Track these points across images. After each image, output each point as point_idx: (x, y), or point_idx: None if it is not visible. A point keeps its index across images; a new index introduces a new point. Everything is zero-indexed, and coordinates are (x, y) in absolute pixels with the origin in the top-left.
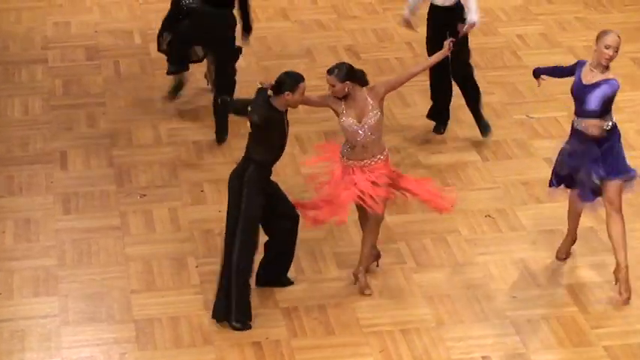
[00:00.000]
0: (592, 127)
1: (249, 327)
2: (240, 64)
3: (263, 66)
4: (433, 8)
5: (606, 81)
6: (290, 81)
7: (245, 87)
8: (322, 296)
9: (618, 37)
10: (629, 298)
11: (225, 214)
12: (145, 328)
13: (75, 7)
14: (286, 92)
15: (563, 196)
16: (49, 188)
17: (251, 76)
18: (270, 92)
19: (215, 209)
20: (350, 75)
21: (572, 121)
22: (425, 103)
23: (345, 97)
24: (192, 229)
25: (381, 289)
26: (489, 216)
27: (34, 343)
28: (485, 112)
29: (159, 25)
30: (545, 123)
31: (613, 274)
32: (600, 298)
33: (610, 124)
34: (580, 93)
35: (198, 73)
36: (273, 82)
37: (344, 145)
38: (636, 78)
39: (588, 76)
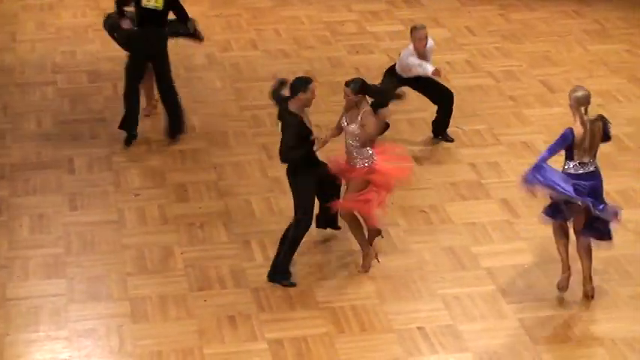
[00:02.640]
0: None
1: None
2: (216, 85)
3: (236, 87)
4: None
5: None
6: (301, 83)
7: (221, 105)
8: None
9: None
10: (593, 297)
11: (204, 209)
12: (139, 304)
13: (79, 38)
14: (300, 93)
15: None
16: (58, 189)
17: (226, 96)
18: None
19: (196, 206)
20: (361, 90)
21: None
22: None
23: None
24: (177, 222)
25: (333, 271)
26: (423, 211)
27: (45, 317)
28: (421, 126)
29: None
30: (470, 134)
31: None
32: (514, 277)
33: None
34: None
35: (182, 93)
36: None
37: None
38: (545, 97)
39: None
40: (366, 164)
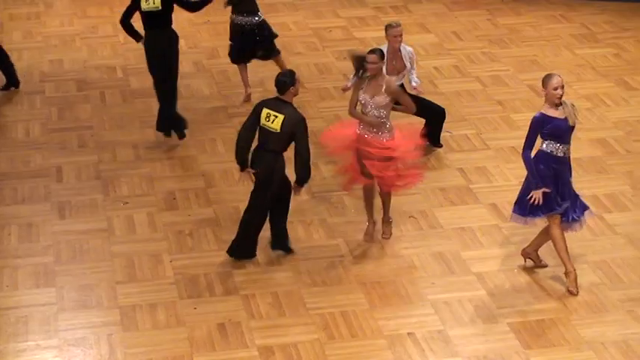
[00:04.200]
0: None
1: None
2: (204, 92)
3: (224, 94)
4: None
5: None
6: (289, 77)
7: (209, 112)
8: (275, 285)
9: (560, 77)
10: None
11: (193, 217)
12: (129, 312)
13: (67, 47)
14: (291, 87)
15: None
16: (47, 197)
17: (214, 103)
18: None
19: (185, 214)
20: (383, 56)
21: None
22: None
23: (370, 78)
24: (166, 230)
25: (323, 278)
26: (413, 217)
27: (35, 327)
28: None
29: (138, 61)
30: (458, 139)
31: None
32: (503, 282)
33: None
34: (566, 125)
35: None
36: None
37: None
38: (533, 101)
39: (560, 114)
40: (387, 138)
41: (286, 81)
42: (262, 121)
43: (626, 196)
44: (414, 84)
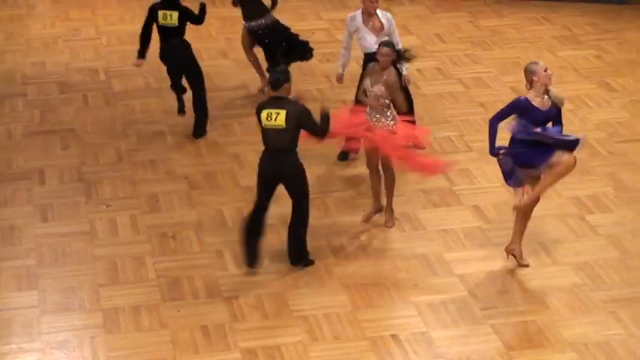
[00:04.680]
0: None
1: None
2: (186, 95)
3: (208, 96)
4: (366, 55)
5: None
6: (282, 74)
7: (191, 115)
8: (258, 287)
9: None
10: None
11: (176, 219)
12: (111, 315)
13: (49, 49)
14: (285, 83)
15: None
16: (29, 200)
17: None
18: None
19: (168, 216)
20: (394, 49)
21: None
22: None
23: (380, 69)
24: (149, 233)
25: (306, 280)
26: (396, 219)
27: (18, 330)
28: None
29: (120, 64)
30: (440, 141)
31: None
32: (486, 284)
33: None
34: (543, 117)
35: (153, 103)
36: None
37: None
38: None
39: (541, 104)
40: (391, 126)
41: (280, 78)
42: (264, 122)
43: (608, 198)
44: (404, 71)
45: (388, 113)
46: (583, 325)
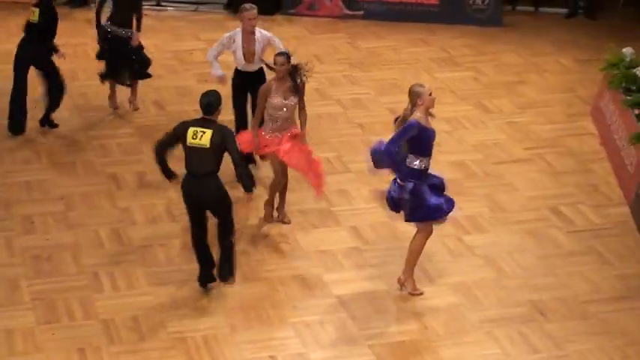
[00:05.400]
0: None
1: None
2: (63, 114)
3: (84, 117)
4: (238, 72)
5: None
6: (215, 98)
7: (69, 135)
8: (135, 308)
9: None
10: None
11: (52, 241)
12: None
13: None
14: (218, 107)
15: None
16: None
17: (74, 125)
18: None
19: (43, 238)
20: (289, 59)
21: (423, 163)
22: None
23: (279, 80)
24: (23, 255)
25: (185, 302)
26: (286, 242)
27: None
28: None
29: None
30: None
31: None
32: (364, 305)
33: None
34: (434, 135)
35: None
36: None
37: (266, 123)
38: (393, 125)
39: (428, 123)
40: (293, 131)
41: (213, 102)
42: (189, 140)
43: (484, 218)
44: (217, 73)
45: (292, 119)
46: (460, 345)
